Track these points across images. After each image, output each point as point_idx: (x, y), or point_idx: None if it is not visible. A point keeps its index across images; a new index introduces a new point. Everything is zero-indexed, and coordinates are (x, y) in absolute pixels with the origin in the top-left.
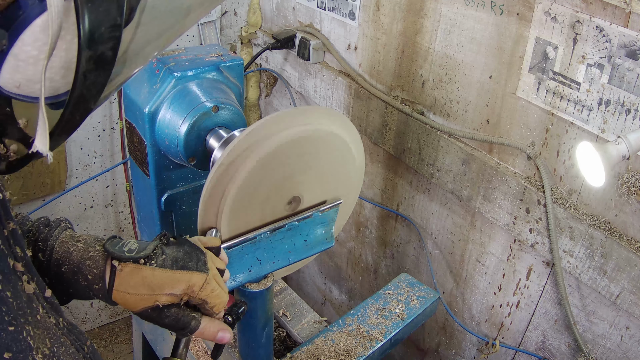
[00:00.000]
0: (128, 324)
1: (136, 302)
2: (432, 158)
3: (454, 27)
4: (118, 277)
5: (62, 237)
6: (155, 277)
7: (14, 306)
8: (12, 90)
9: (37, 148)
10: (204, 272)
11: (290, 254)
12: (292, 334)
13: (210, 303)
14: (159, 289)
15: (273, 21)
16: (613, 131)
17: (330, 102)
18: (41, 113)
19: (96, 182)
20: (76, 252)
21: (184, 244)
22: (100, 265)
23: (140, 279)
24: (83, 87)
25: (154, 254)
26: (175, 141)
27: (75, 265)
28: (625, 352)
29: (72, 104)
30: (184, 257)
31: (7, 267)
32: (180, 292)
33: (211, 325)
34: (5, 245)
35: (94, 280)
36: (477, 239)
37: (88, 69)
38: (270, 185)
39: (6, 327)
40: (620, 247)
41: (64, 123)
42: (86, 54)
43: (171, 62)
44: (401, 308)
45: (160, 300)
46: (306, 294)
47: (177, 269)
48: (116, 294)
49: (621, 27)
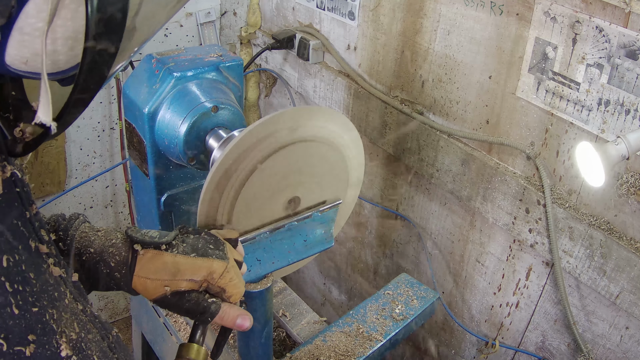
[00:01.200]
0: (128, 324)
1: (156, 288)
2: (432, 158)
3: (454, 27)
4: (139, 262)
5: (81, 227)
6: (176, 262)
7: (37, 288)
8: (20, 67)
9: (40, 119)
10: (224, 260)
11: (289, 254)
12: (292, 334)
13: (228, 292)
14: (180, 275)
15: (272, 21)
16: (613, 131)
17: (330, 102)
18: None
19: (96, 183)
20: (97, 240)
21: (202, 235)
22: (123, 251)
23: (161, 264)
24: (95, 52)
25: (175, 241)
26: (175, 141)
27: (97, 254)
28: (625, 352)
29: (85, 70)
30: (205, 246)
31: (30, 249)
32: (200, 278)
33: (231, 310)
34: (28, 227)
35: (117, 267)
36: (477, 239)
37: (98, 32)
38: (270, 185)
39: (30, 308)
40: (619, 247)
41: (78, 93)
42: (95, 16)
43: (171, 62)
44: (401, 308)
45: (180, 286)
46: (306, 294)
47: (199, 256)
48: (136, 279)
49: (621, 27)
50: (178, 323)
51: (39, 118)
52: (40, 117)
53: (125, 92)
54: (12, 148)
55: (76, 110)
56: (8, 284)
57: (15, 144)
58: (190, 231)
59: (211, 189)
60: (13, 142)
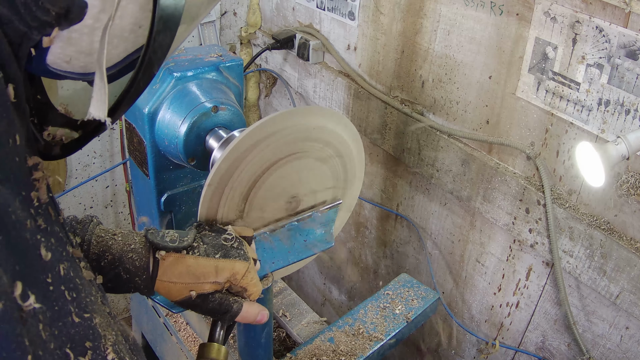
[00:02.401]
0: (128, 324)
1: (179, 291)
2: (432, 158)
3: (454, 28)
4: (162, 267)
5: (97, 231)
6: (199, 265)
7: (84, 293)
8: (62, 66)
9: (93, 115)
10: (246, 260)
11: (289, 254)
12: (292, 334)
13: (249, 291)
14: (204, 278)
15: (272, 21)
16: (613, 131)
17: (330, 103)
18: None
19: (96, 183)
20: (115, 245)
21: (221, 232)
22: (143, 256)
23: (184, 268)
24: (152, 49)
25: (195, 243)
26: (175, 141)
27: (116, 259)
28: (625, 352)
29: (143, 68)
30: (225, 246)
31: (69, 255)
32: (224, 280)
33: (251, 308)
34: (63, 232)
35: (137, 272)
36: (477, 239)
37: (158, 29)
38: (270, 185)
39: (83, 315)
40: (620, 247)
41: (132, 89)
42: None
43: (170, 63)
44: (401, 308)
45: (204, 289)
46: (306, 294)
47: (221, 257)
48: (159, 284)
49: (621, 27)
50: (178, 323)
51: (91, 114)
52: (93, 113)
53: None
54: (47, 151)
55: (127, 107)
56: (67, 291)
57: (50, 147)
58: (208, 229)
59: (211, 189)
60: (47, 146)
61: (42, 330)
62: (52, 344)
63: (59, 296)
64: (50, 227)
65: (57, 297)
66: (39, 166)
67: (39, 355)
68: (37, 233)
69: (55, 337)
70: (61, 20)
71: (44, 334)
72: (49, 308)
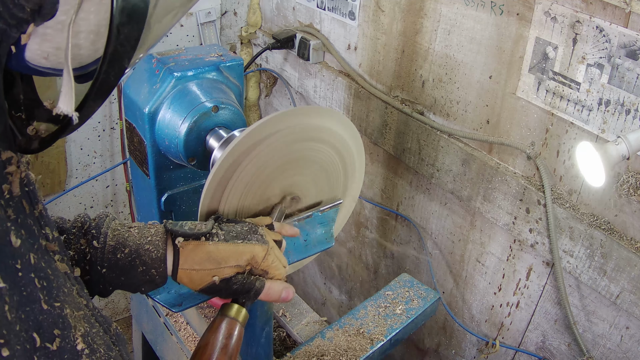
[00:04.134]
0: (128, 324)
1: (202, 278)
2: (432, 158)
3: (454, 27)
4: (182, 255)
5: (113, 225)
6: (219, 251)
7: (55, 283)
8: (41, 62)
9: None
10: (265, 244)
11: (290, 254)
12: (292, 334)
13: (271, 273)
14: (225, 262)
15: (273, 21)
16: (613, 131)
17: (330, 102)
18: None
19: (96, 182)
20: (132, 237)
21: (239, 222)
22: (160, 247)
23: (205, 254)
24: (117, 42)
25: (214, 230)
26: (175, 141)
27: (133, 251)
28: (625, 352)
29: (107, 61)
30: (243, 232)
31: (41, 247)
32: (244, 263)
33: (275, 285)
34: (37, 226)
35: (154, 264)
36: (477, 239)
37: (122, 21)
38: (270, 185)
39: (53, 303)
40: (620, 247)
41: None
42: (119, 5)
43: (171, 62)
44: (401, 308)
45: (225, 273)
46: (306, 294)
47: (240, 242)
48: (182, 272)
49: (621, 27)
50: (178, 323)
51: (59, 109)
52: (62, 108)
53: (126, 92)
54: (27, 145)
55: (95, 103)
56: (37, 279)
57: (31, 141)
58: (225, 220)
59: (212, 189)
60: (28, 140)
61: (8, 311)
62: (17, 325)
63: (29, 282)
64: (21, 219)
65: (26, 283)
66: (12, 160)
67: (3, 334)
68: (6, 221)
69: (21, 320)
70: (35, 16)
71: (9, 315)
72: (17, 292)
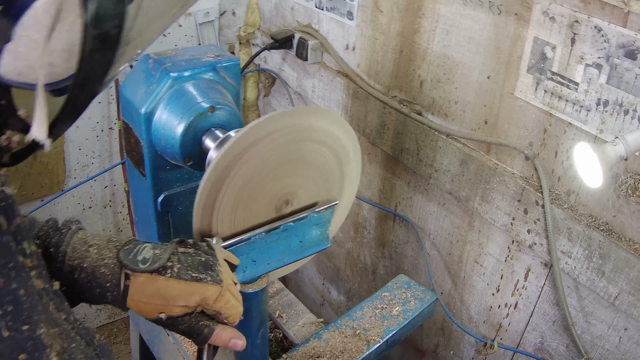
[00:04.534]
0: (126, 325)
1: (150, 311)
2: (430, 158)
3: (452, 27)
4: (132, 285)
5: (73, 241)
6: (169, 288)
7: (27, 304)
8: (13, 78)
9: (34, 136)
10: (218, 285)
11: (285, 255)
12: (288, 335)
13: (224, 314)
14: (173, 301)
15: (271, 21)
16: (611, 132)
17: (329, 103)
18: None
19: (94, 183)
20: (89, 259)
21: (200, 253)
22: (115, 272)
23: (154, 289)
24: (89, 67)
25: (170, 262)
26: (172, 142)
27: (89, 274)
28: (624, 353)
29: (77, 85)
30: (200, 268)
31: (18, 264)
32: (194, 304)
33: (224, 332)
34: (13, 242)
35: (109, 288)
36: (475, 240)
37: (94, 48)
38: (266, 186)
39: (20, 327)
40: (618, 248)
41: (69, 107)
42: (92, 32)
43: (168, 63)
44: (399, 309)
45: (173, 312)
46: (305, 295)
47: (192, 281)
48: (130, 302)
49: (619, 27)
50: None
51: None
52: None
53: (122, 92)
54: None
55: (66, 123)
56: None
57: (1, 153)
58: (189, 246)
59: (207, 189)
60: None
61: None
62: None
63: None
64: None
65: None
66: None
67: None
68: None
69: None
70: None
71: None
72: None
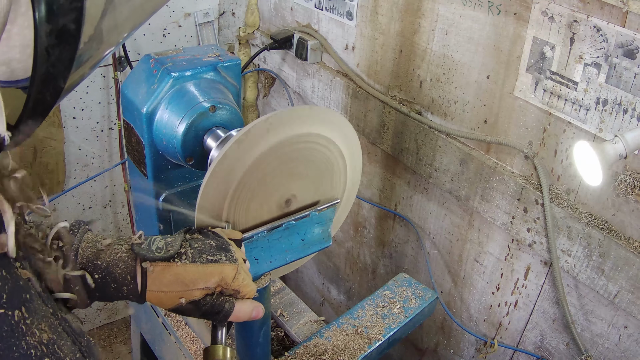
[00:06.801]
0: (127, 324)
1: (171, 299)
2: (430, 158)
3: (452, 27)
4: (150, 277)
5: (85, 239)
6: (187, 272)
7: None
8: None
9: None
10: (235, 263)
11: (287, 253)
12: (290, 334)
13: (242, 292)
14: (193, 284)
15: (271, 21)
16: (610, 130)
17: (328, 103)
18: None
19: (95, 183)
20: (102, 255)
21: (209, 236)
22: (130, 266)
23: (173, 276)
24: (47, 63)
25: (183, 249)
26: (173, 141)
27: (103, 269)
28: (624, 351)
29: (37, 82)
30: (213, 250)
31: None
32: (213, 284)
33: (244, 305)
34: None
35: (124, 282)
36: (475, 239)
37: (50, 43)
38: (268, 185)
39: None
40: (618, 247)
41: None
42: (45, 27)
43: (169, 62)
44: (399, 308)
45: (194, 295)
46: (305, 294)
47: (208, 263)
48: (150, 294)
49: (618, 26)
50: (176, 323)
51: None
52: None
53: (124, 92)
54: None
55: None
56: None
57: None
58: (196, 233)
59: (209, 188)
60: None
61: None
62: None
63: None
64: None
65: None
66: None
67: None
68: None
69: None
70: None
71: None
72: None
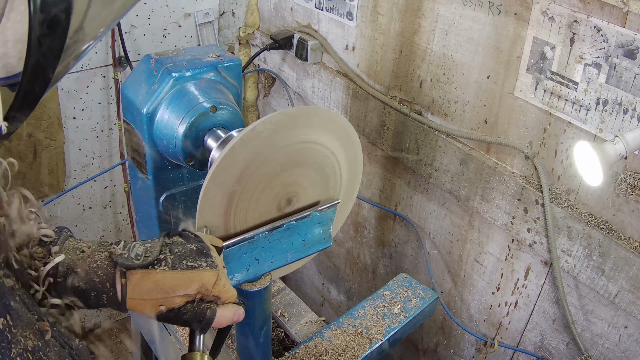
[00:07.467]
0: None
1: (152, 307)
2: (430, 158)
3: (452, 27)
4: (129, 285)
5: (65, 247)
6: (167, 280)
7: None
8: None
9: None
10: (215, 269)
11: (288, 253)
12: (291, 334)
13: (223, 298)
14: (173, 291)
15: (271, 22)
16: (611, 131)
17: (328, 103)
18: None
19: (94, 183)
20: (82, 263)
21: (190, 240)
22: (109, 273)
23: (152, 283)
24: (39, 53)
25: (162, 255)
26: (174, 142)
27: (82, 278)
28: (624, 351)
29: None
30: (193, 255)
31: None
32: (193, 291)
33: (225, 311)
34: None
35: (105, 290)
36: (475, 239)
37: (42, 33)
38: (268, 185)
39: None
40: (618, 247)
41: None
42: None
43: (169, 63)
44: (399, 308)
45: (175, 302)
46: (305, 295)
47: (188, 269)
48: (130, 302)
49: (619, 26)
50: None
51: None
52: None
53: (124, 92)
54: None
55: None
56: None
57: None
58: (176, 239)
59: (210, 188)
60: None
61: None
62: None
63: None
64: None
65: None
66: None
67: None
68: None
69: None
70: None
71: None
72: None
